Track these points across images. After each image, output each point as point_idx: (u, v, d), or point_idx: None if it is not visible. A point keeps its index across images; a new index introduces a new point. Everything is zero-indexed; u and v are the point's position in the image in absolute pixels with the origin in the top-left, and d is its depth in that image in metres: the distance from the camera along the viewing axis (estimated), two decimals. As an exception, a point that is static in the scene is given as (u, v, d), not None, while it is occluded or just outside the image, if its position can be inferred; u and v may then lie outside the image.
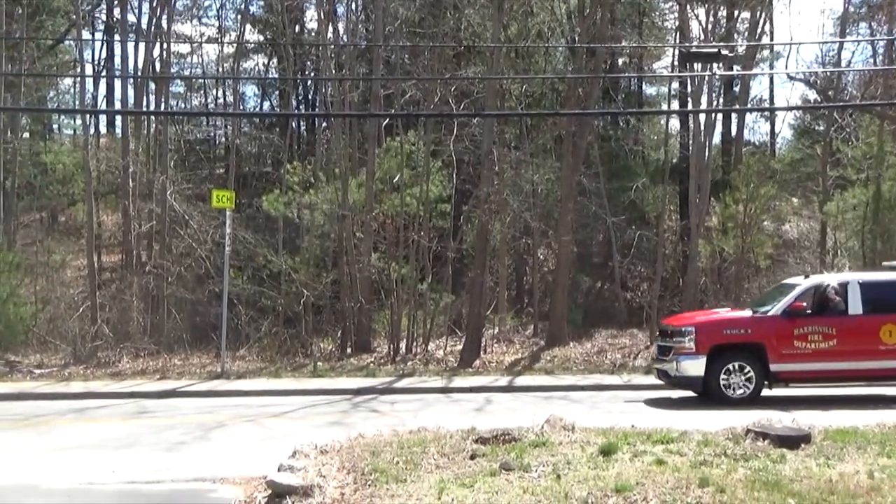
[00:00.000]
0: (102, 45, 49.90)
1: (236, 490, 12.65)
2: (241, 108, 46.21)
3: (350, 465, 12.25)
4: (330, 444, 13.54)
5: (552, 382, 25.01)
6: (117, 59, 47.34)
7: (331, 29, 38.04)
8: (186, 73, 50.23)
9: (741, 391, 20.47)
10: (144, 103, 38.49)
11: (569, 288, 33.62)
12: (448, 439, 13.47)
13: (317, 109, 45.95)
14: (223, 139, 49.66)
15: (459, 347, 30.42)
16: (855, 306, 20.80)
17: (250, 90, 55.04)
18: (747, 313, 21.94)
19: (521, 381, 25.41)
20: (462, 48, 35.56)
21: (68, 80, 47.06)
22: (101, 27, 50.63)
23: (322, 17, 36.68)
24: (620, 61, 45.08)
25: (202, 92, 52.10)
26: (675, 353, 21.01)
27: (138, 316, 31.44)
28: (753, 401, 20.07)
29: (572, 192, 33.32)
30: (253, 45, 48.21)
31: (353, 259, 31.76)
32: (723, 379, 20.44)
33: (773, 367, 20.57)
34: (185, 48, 49.78)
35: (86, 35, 46.36)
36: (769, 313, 21.05)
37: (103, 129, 49.36)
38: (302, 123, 47.37)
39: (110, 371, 27.45)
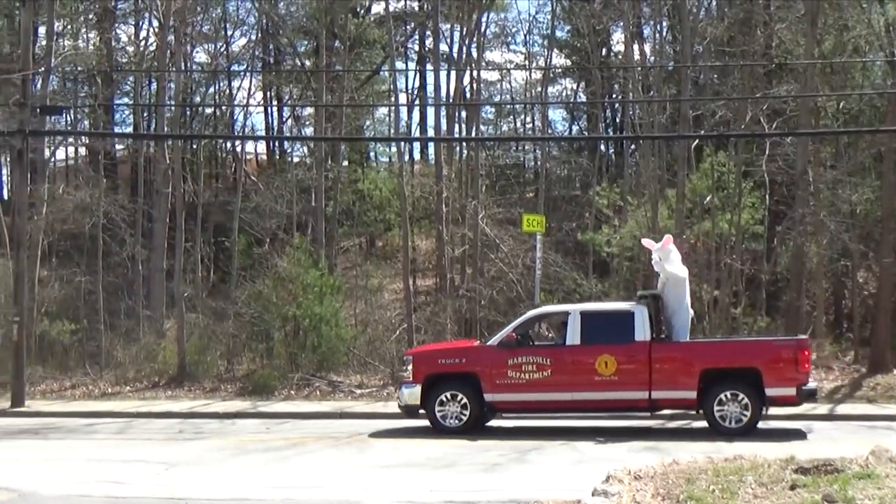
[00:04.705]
0: (415, 74, 51.61)
1: (550, 513, 12.72)
2: (550, 132, 46.67)
3: (664, 492, 12.10)
4: (644, 470, 13.42)
5: (875, 412, 23.88)
6: (429, 88, 48.91)
7: (637, 50, 37.96)
8: (496, 99, 51.21)
9: (456, 421, 20.69)
10: (456, 130, 39.52)
11: (892, 313, 32.06)
12: (766, 468, 13.09)
13: (624, 132, 45.84)
14: (532, 163, 50.38)
15: (775, 373, 29.53)
16: (573, 337, 20.67)
17: (558, 114, 55.62)
18: (468, 343, 23.24)
19: (842, 409, 24.33)
20: (773, 65, 34.66)
21: (383, 109, 48.88)
22: (414, 57, 52.37)
23: (628, 38, 36.62)
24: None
25: (511, 117, 53.01)
26: (401, 382, 21.80)
27: (452, 338, 32.15)
28: (472, 430, 20.54)
29: (894, 211, 31.87)
30: (560, 70, 48.66)
31: (663, 282, 31.40)
32: (438, 408, 20.75)
33: (488, 397, 20.74)
34: (494, 75, 50.83)
35: (399, 65, 48.02)
36: (487, 343, 21.54)
37: (417, 156, 51.00)
38: (610, 146, 47.39)
39: (426, 392, 28.17)
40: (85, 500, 14.28)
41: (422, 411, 21.16)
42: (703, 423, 21.43)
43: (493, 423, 22.19)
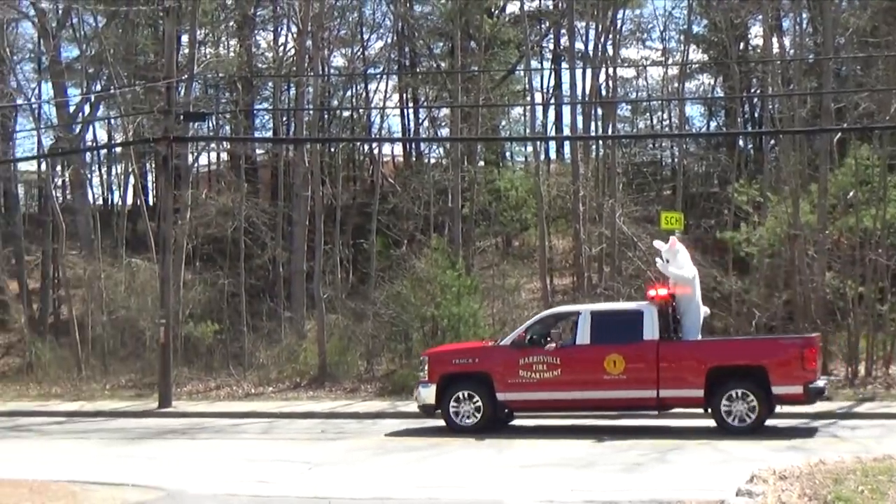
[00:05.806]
0: (550, 73, 51.54)
1: (692, 513, 12.60)
2: (687, 128, 46.04)
3: (811, 493, 11.90)
4: (789, 470, 13.22)
5: None
6: (565, 86, 48.73)
7: (776, 43, 37.22)
8: (632, 96, 50.78)
9: (470, 419, 21.18)
10: (592, 128, 39.28)
11: None
12: (917, 469, 12.80)
13: (764, 126, 45.00)
14: (670, 160, 49.85)
15: (924, 371, 28.77)
16: (583, 337, 20.98)
17: (696, 110, 54.96)
18: (481, 344, 24.28)
19: None
20: (920, 55, 33.73)
21: (519, 109, 48.79)
22: (549, 56, 52.27)
23: (767, 32, 35.98)
24: None
25: (648, 114, 52.54)
26: (418, 382, 22.35)
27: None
28: (487, 429, 20.88)
29: None
30: (697, 65, 48.02)
31: (806, 279, 30.83)
32: (453, 407, 21.25)
33: (500, 397, 21.19)
34: (630, 72, 50.40)
35: (534, 64, 47.95)
36: (500, 343, 22.01)
37: (553, 155, 50.84)
38: (749, 141, 46.60)
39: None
40: (231, 498, 14.62)
41: (438, 410, 21.58)
42: (850, 423, 21.08)
43: (516, 422, 22.51)
